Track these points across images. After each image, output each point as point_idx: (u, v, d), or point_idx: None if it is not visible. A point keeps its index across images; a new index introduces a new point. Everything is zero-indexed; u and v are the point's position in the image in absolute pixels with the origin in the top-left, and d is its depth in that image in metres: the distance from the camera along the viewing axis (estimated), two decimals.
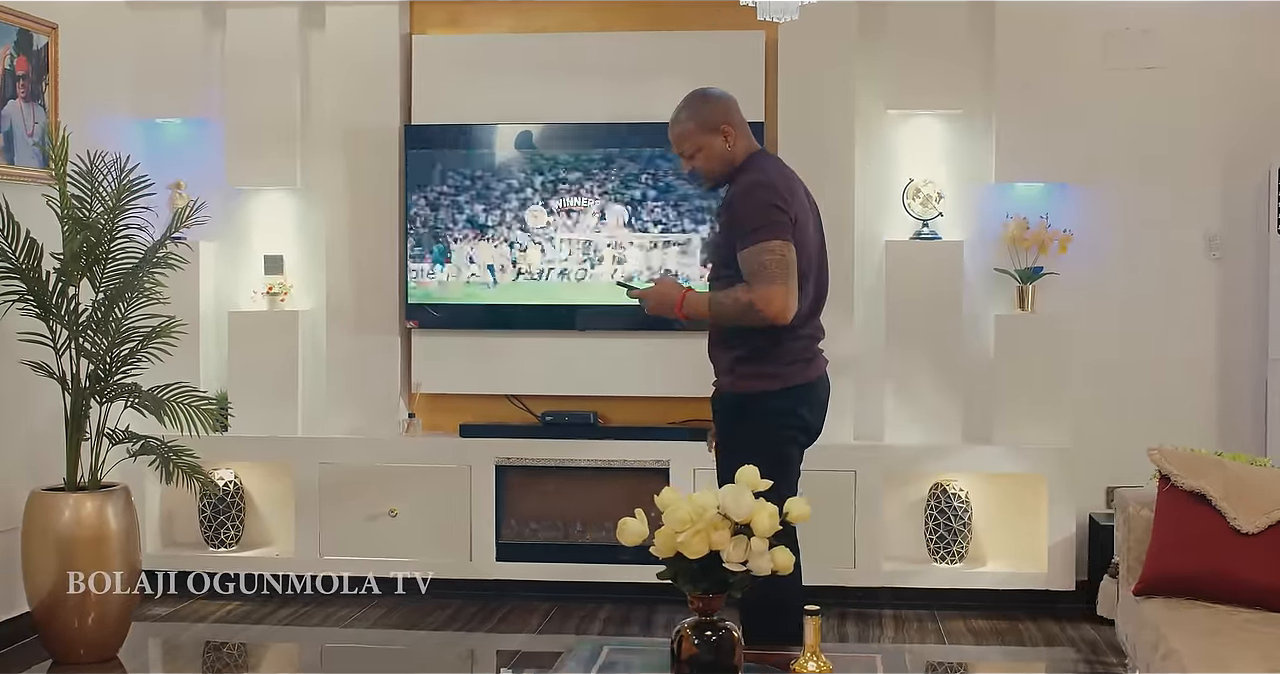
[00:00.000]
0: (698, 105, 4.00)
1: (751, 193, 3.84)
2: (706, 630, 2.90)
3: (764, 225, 3.77)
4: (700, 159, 3.97)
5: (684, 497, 2.89)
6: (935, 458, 5.70)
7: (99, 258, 4.93)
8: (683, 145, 3.99)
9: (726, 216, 3.89)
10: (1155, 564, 3.98)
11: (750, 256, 3.76)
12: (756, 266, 3.75)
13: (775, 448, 3.91)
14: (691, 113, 3.98)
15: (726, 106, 4.01)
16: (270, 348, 5.95)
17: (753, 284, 3.75)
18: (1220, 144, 5.76)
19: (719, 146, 3.95)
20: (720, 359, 3.98)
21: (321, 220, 6.02)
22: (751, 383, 3.89)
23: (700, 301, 3.91)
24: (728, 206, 3.90)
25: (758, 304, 3.73)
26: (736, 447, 3.88)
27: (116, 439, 5.03)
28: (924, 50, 5.70)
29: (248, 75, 5.95)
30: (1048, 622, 5.50)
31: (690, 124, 3.97)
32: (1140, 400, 5.80)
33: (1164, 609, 3.82)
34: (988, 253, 5.77)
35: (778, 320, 3.76)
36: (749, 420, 3.91)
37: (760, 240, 3.75)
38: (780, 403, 3.90)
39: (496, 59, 5.92)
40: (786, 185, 3.91)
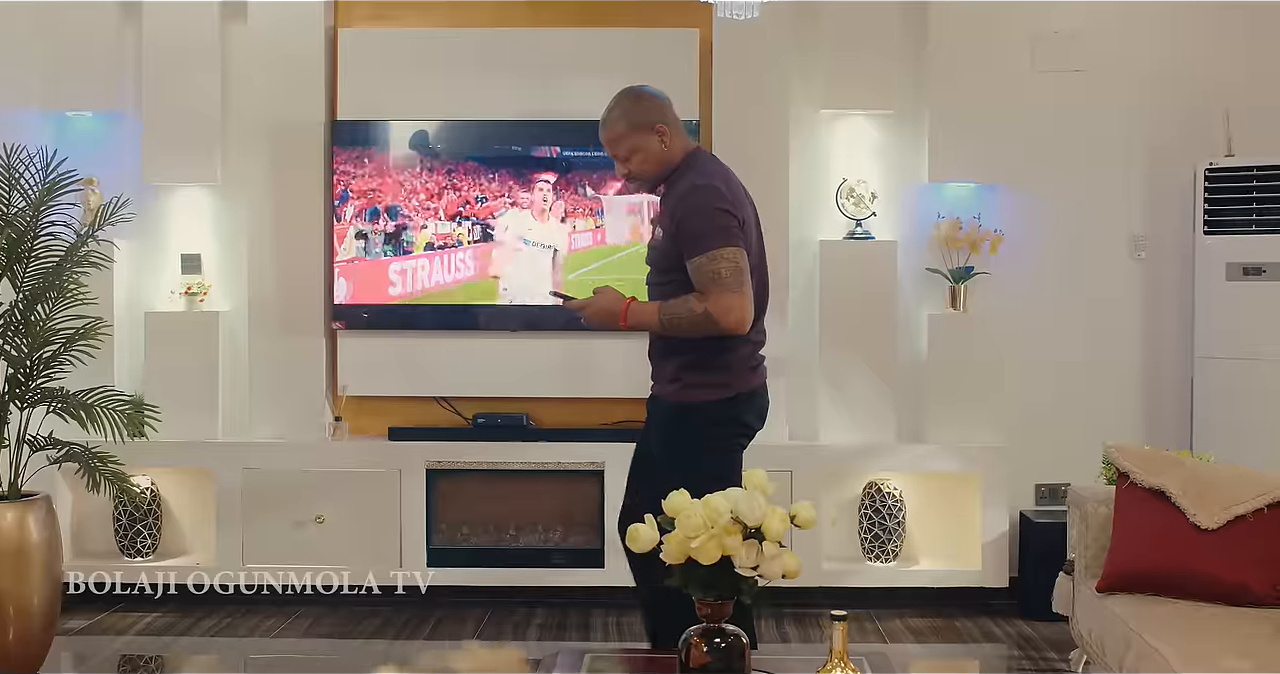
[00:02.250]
0: (629, 105, 3.85)
1: (697, 197, 3.70)
2: (715, 637, 2.84)
3: (714, 231, 3.65)
4: (636, 161, 3.83)
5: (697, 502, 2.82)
6: (869, 457, 5.71)
7: (20, 257, 4.71)
8: (617, 148, 3.84)
9: (670, 222, 3.74)
10: (1117, 561, 4.02)
11: (703, 265, 3.64)
12: (710, 276, 3.63)
13: (724, 454, 3.84)
14: (623, 113, 3.83)
15: (660, 105, 3.87)
16: (189, 350, 5.76)
17: (708, 294, 3.63)
18: (1145, 146, 5.86)
19: (655, 147, 3.81)
20: (664, 366, 3.86)
21: (242, 218, 5.84)
22: (698, 392, 3.78)
23: (647, 312, 3.76)
24: (671, 212, 3.75)
25: (715, 314, 3.63)
26: (682, 455, 3.79)
27: (39, 446, 4.81)
28: (857, 51, 5.72)
29: (166, 68, 5.74)
30: (983, 619, 5.55)
31: (623, 125, 3.82)
32: (1067, 399, 5.89)
33: (1129, 606, 3.86)
34: (919, 253, 5.80)
35: (735, 330, 3.67)
36: (694, 428, 3.80)
37: (712, 248, 3.63)
38: (727, 411, 3.81)
39: (425, 54, 5.79)
40: (729, 186, 3.80)
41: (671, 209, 3.75)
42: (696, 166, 3.83)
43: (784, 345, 5.73)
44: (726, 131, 5.72)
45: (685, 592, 2.86)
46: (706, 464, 3.75)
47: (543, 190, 5.70)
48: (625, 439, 5.55)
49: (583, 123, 5.63)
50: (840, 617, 2.82)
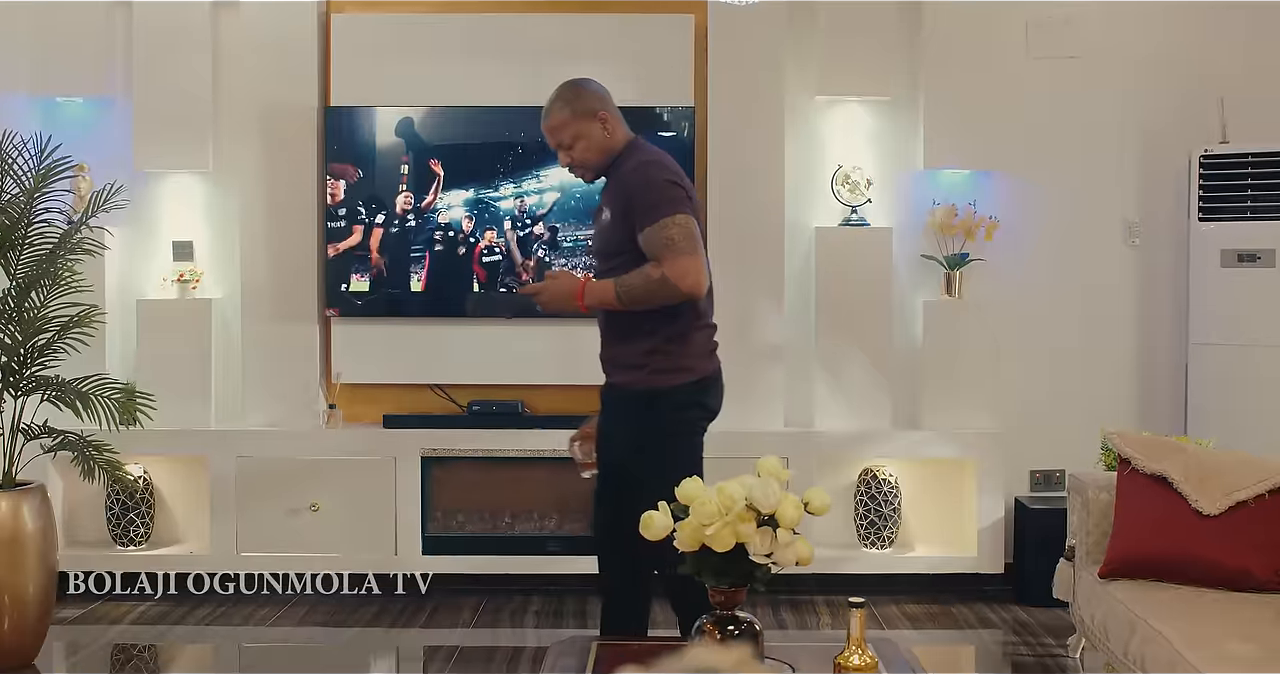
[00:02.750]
0: (572, 94, 3.84)
1: (645, 171, 3.72)
2: (729, 624, 2.83)
3: (664, 201, 3.65)
4: (580, 149, 3.80)
5: (711, 489, 2.81)
6: (865, 444, 5.71)
7: (14, 243, 4.67)
8: (561, 135, 3.80)
9: (619, 201, 3.73)
10: (1120, 547, 4.02)
11: (655, 233, 3.62)
12: (664, 241, 3.61)
13: (691, 438, 3.85)
14: (566, 101, 3.82)
15: (601, 95, 3.87)
16: (181, 337, 5.72)
17: (663, 259, 3.61)
18: (1140, 132, 5.86)
19: (598, 134, 3.79)
20: (625, 355, 3.81)
21: (235, 205, 5.80)
22: (666, 377, 3.75)
23: (604, 288, 3.70)
24: (620, 190, 3.75)
25: (672, 278, 3.59)
26: (651, 442, 3.77)
27: (34, 434, 4.78)
28: (852, 37, 5.71)
29: (157, 53, 5.70)
30: (979, 605, 5.56)
31: (567, 112, 3.79)
32: (1062, 385, 5.89)
33: (1132, 591, 3.87)
34: (915, 239, 5.80)
35: (693, 293, 3.63)
36: (661, 414, 3.77)
37: (663, 216, 3.62)
38: (693, 395, 3.80)
39: (419, 40, 5.76)
40: (675, 164, 3.82)
41: (621, 186, 3.74)
42: (638, 151, 3.83)
43: (780, 332, 5.74)
44: (721, 118, 5.71)
45: (697, 579, 2.85)
46: (678, 449, 3.78)
47: (536, 177, 5.67)
48: None
49: None
50: (858, 604, 2.81)
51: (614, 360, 3.85)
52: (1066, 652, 4.89)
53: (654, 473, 3.63)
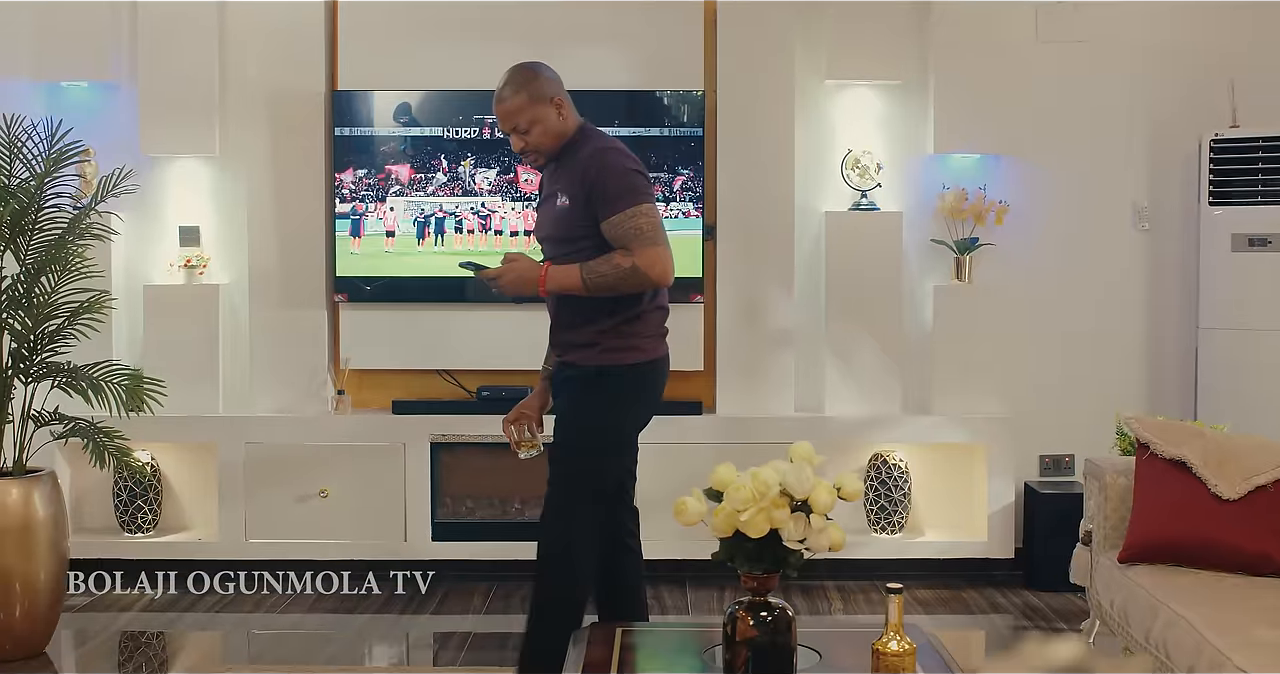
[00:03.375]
0: (526, 79, 3.81)
1: (607, 159, 3.72)
2: (762, 611, 2.81)
3: (629, 190, 3.67)
4: (536, 134, 3.78)
5: (744, 474, 2.79)
6: (875, 429, 5.70)
7: (24, 229, 4.63)
8: (516, 120, 3.77)
9: (579, 187, 3.71)
10: (1139, 532, 4.02)
11: (622, 222, 3.64)
12: (632, 230, 3.63)
13: (628, 418, 3.88)
14: (521, 86, 3.79)
15: (555, 80, 3.86)
16: (189, 323, 5.70)
17: (632, 248, 3.63)
18: (1150, 117, 5.85)
19: (553, 119, 3.78)
20: (578, 335, 3.81)
21: (242, 190, 5.77)
22: (618, 355, 3.77)
23: (569, 274, 3.69)
24: (579, 177, 3.72)
25: (643, 267, 3.62)
26: (587, 414, 3.80)
27: (44, 421, 4.75)
28: (861, 21, 5.69)
29: (162, 37, 5.66)
30: (989, 590, 5.56)
31: (523, 96, 3.77)
32: (1071, 370, 5.90)
33: (1152, 576, 3.86)
34: (924, 224, 5.78)
35: (661, 282, 3.68)
36: (604, 391, 3.79)
37: (630, 205, 3.64)
38: (639, 376, 3.82)
39: (426, 23, 5.72)
40: (630, 151, 3.83)
41: (580, 173, 3.71)
42: (593, 135, 3.85)
43: (790, 317, 5.73)
44: (731, 102, 5.69)
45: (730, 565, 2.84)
46: (615, 428, 3.84)
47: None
48: None
49: (587, 93, 5.62)
50: (896, 589, 2.80)
51: (564, 342, 3.86)
52: (1080, 637, 4.90)
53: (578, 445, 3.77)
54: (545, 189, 3.88)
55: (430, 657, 4.94)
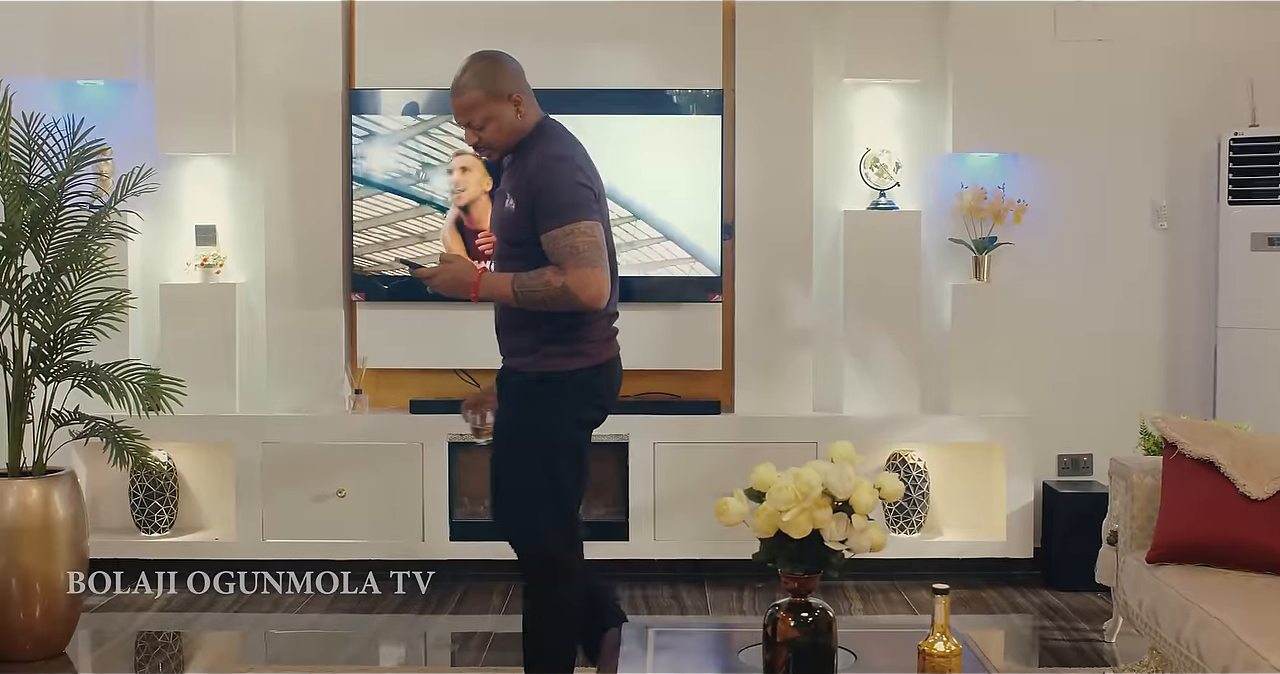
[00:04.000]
0: (487, 72, 3.64)
1: (554, 168, 3.59)
2: (803, 611, 2.80)
3: (571, 205, 3.54)
4: (490, 130, 3.65)
5: (786, 474, 2.78)
6: (893, 428, 5.69)
7: (45, 227, 4.61)
8: (471, 115, 3.63)
9: (525, 194, 3.59)
10: (1167, 532, 4.01)
11: (559, 238, 3.51)
12: (568, 249, 3.50)
13: (572, 424, 3.74)
14: (481, 80, 3.62)
15: (516, 74, 3.70)
16: (205, 322, 5.68)
17: (565, 268, 3.51)
18: (1169, 115, 5.84)
19: (510, 116, 3.64)
20: (519, 340, 3.70)
21: (258, 188, 5.75)
22: (559, 361, 3.65)
23: (500, 283, 3.59)
24: (527, 183, 3.59)
25: (573, 289, 3.50)
26: (531, 422, 3.68)
27: (64, 420, 4.74)
28: (880, 19, 5.67)
29: (179, 35, 5.64)
30: (1008, 589, 5.55)
31: (480, 92, 3.61)
32: (1089, 369, 5.89)
33: (1182, 576, 3.85)
34: (943, 223, 5.78)
35: (592, 305, 3.54)
36: (547, 397, 3.68)
37: (570, 221, 3.52)
38: (583, 380, 3.70)
39: (443, 22, 5.69)
40: (584, 158, 3.71)
41: (528, 180, 3.60)
42: (549, 136, 3.70)
43: (808, 316, 5.72)
44: (749, 101, 5.68)
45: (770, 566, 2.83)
46: (557, 435, 3.70)
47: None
48: (649, 411, 5.62)
49: (605, 93, 5.63)
50: (942, 590, 2.79)
51: (508, 345, 3.75)
52: (1102, 636, 4.89)
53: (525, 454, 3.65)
54: (502, 182, 3.75)
55: (448, 657, 4.93)
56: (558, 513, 3.71)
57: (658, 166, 5.62)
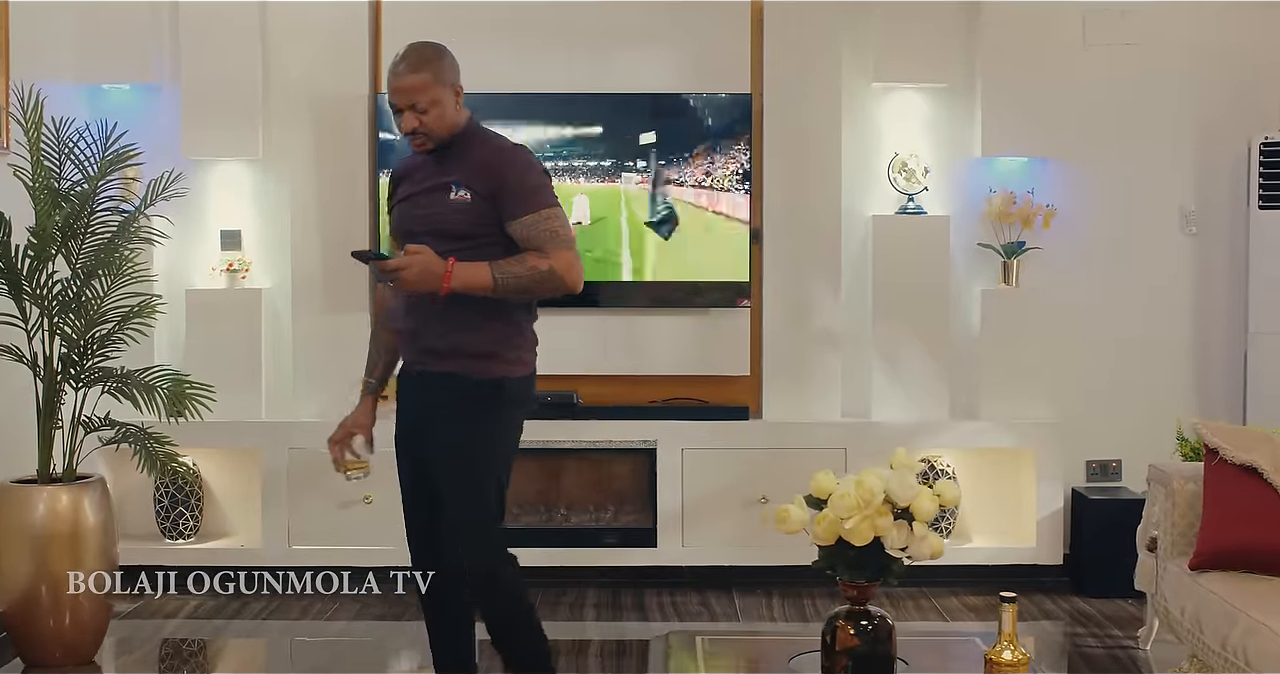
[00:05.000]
0: (432, 58, 3.57)
1: (517, 156, 3.59)
2: (862, 619, 2.78)
3: (541, 189, 3.55)
4: (432, 116, 3.54)
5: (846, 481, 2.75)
6: (922, 434, 5.65)
7: (76, 232, 4.58)
8: (418, 97, 3.51)
9: (481, 182, 3.52)
10: (1210, 538, 3.98)
11: (536, 223, 3.49)
12: (547, 233, 3.49)
13: (516, 434, 3.72)
14: (426, 63, 3.55)
15: (457, 67, 3.65)
16: (231, 327, 5.65)
17: (548, 251, 3.49)
18: (1198, 120, 5.82)
19: (451, 106, 3.57)
20: (466, 341, 3.57)
21: (285, 193, 5.72)
22: (512, 367, 3.60)
23: (477, 272, 3.45)
24: (483, 171, 3.53)
25: (560, 271, 3.47)
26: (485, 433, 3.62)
27: (94, 426, 4.71)
28: (909, 23, 5.65)
29: (205, 39, 5.61)
30: (1038, 596, 5.52)
31: (427, 75, 3.53)
32: (1118, 374, 5.86)
33: (1226, 583, 3.83)
34: (971, 228, 5.75)
35: (574, 287, 3.53)
36: (498, 406, 3.61)
37: (544, 206, 3.51)
38: (525, 388, 3.67)
39: (470, 25, 5.67)
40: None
41: (484, 169, 3.54)
42: (486, 131, 3.67)
43: (837, 320, 5.71)
44: (777, 105, 5.67)
45: (829, 573, 2.80)
46: (506, 443, 3.68)
47: (588, 164, 5.61)
48: (677, 417, 5.60)
49: (632, 96, 5.61)
50: (1010, 598, 2.76)
51: (452, 347, 3.58)
52: (1136, 643, 4.86)
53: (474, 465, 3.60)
54: (425, 179, 3.61)
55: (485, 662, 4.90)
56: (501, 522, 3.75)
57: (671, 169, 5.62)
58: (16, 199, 4.59)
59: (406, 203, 3.67)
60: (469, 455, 3.60)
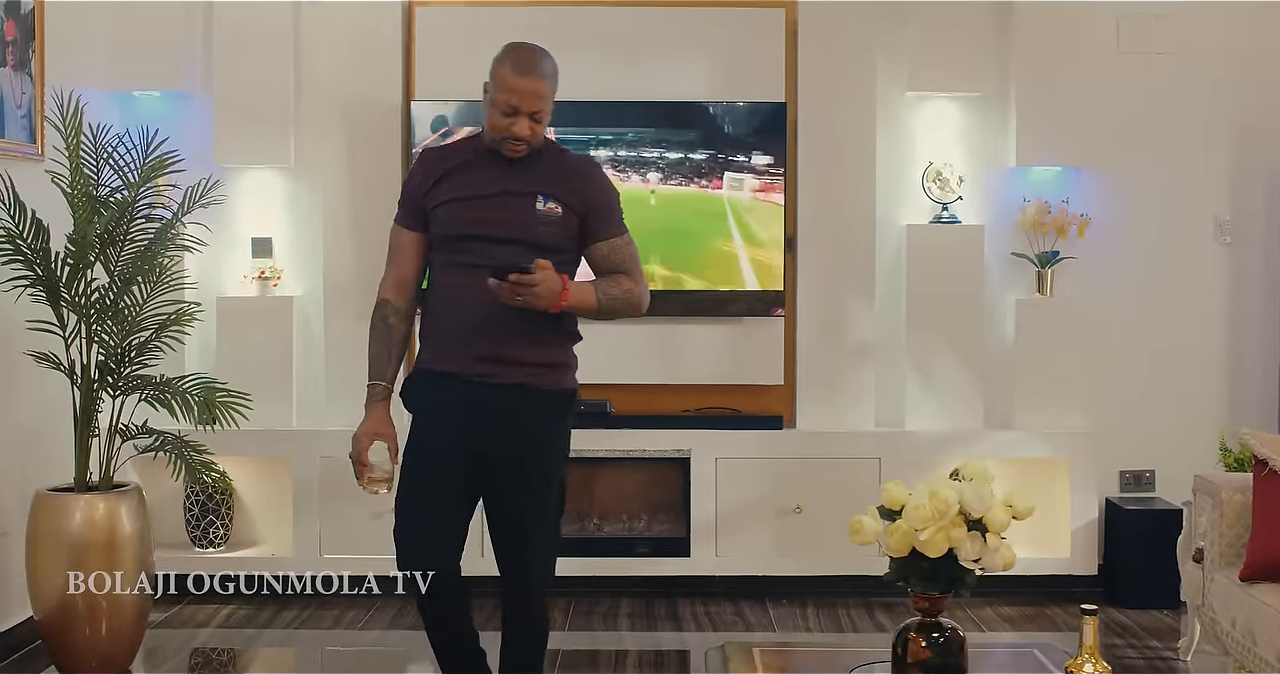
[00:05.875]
0: (555, 70, 3.45)
1: (602, 174, 3.55)
2: (933, 631, 2.75)
3: (621, 212, 3.52)
4: (541, 127, 3.42)
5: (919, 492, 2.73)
6: (956, 444, 5.62)
7: (115, 239, 4.56)
8: (541, 105, 3.38)
9: (573, 195, 3.43)
10: (1261, 550, 3.96)
11: (621, 247, 3.47)
12: (631, 257, 3.47)
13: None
14: (553, 76, 3.43)
15: None
16: (262, 335, 5.62)
17: (634, 275, 3.47)
18: (1232, 129, 5.81)
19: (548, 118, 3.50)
20: (545, 355, 3.48)
21: (316, 200, 5.70)
22: (574, 378, 3.57)
23: (586, 293, 3.40)
24: (574, 184, 3.44)
25: (644, 297, 3.47)
26: (562, 450, 3.59)
27: (131, 434, 4.68)
28: (943, 32, 5.64)
29: (237, 46, 5.59)
30: (1073, 607, 5.42)
31: (553, 86, 3.42)
32: (1151, 385, 5.84)
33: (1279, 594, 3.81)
34: (1004, 237, 5.74)
35: (642, 312, 3.54)
36: (565, 417, 3.58)
37: (624, 230, 3.50)
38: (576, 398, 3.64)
39: (504, 33, 5.58)
40: None
41: (574, 183, 3.45)
42: (551, 142, 3.57)
43: (871, 330, 5.69)
44: (812, 113, 5.66)
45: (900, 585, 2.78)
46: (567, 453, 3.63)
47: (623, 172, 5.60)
48: (711, 426, 5.57)
49: (665, 104, 5.60)
50: (1091, 611, 2.73)
51: (531, 359, 3.46)
52: (1176, 654, 4.84)
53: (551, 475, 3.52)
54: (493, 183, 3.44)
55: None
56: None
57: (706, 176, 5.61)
58: (53, 206, 4.56)
59: (467, 204, 3.45)
60: (549, 465, 3.52)
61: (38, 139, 4.94)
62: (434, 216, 3.50)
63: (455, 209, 3.46)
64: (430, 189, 3.50)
